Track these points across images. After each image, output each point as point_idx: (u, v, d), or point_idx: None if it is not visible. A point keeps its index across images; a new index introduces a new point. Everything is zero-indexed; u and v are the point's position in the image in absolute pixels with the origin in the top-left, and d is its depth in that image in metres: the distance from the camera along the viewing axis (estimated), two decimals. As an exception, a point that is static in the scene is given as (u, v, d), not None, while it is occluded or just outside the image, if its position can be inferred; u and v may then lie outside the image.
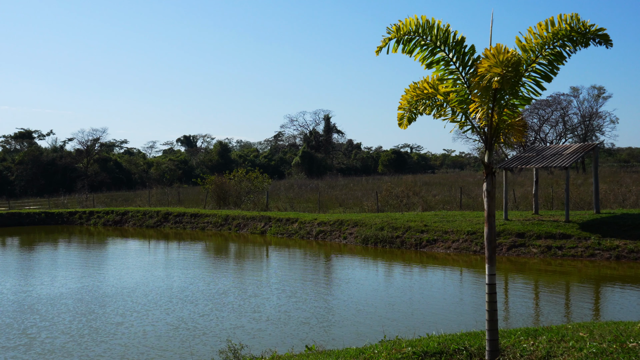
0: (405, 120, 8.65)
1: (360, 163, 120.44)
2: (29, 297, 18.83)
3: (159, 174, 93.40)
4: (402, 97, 8.49)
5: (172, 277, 21.94)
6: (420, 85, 8.34)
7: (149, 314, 16.11)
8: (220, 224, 39.38)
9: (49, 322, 15.43)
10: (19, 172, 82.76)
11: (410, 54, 8.13)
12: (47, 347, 13.13)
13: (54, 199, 62.60)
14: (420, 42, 8.02)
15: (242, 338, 13.36)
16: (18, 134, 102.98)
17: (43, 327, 14.89)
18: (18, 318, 15.97)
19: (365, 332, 14.02)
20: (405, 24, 7.95)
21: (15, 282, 21.64)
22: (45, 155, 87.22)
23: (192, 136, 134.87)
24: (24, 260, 27.54)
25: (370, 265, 24.74)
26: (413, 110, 8.52)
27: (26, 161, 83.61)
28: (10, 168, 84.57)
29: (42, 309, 17.07)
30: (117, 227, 43.87)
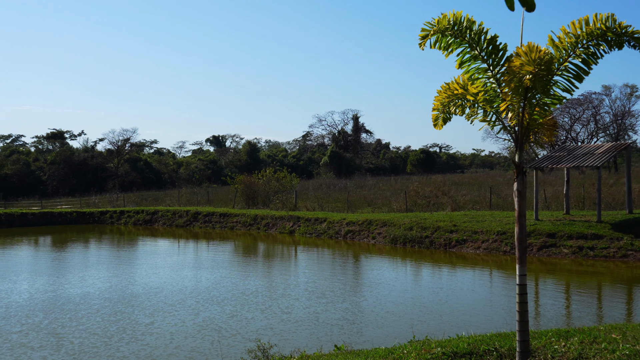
0: (440, 121, 8.60)
1: (388, 163, 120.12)
2: (59, 296, 18.98)
3: (188, 173, 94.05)
4: (436, 99, 8.45)
5: (201, 277, 22.01)
6: (451, 86, 8.29)
7: (177, 314, 16.14)
8: (249, 223, 39.53)
9: (78, 322, 15.49)
10: (51, 172, 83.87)
11: (446, 50, 8.07)
12: (76, 348, 13.17)
13: (85, 198, 63.35)
14: (454, 39, 7.98)
15: (271, 338, 13.35)
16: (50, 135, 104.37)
17: (72, 327, 14.95)
18: (48, 318, 16.05)
19: (394, 333, 13.97)
20: (442, 20, 7.91)
21: (46, 281, 21.81)
22: (77, 155, 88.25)
23: (221, 136, 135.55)
24: (55, 260, 27.85)
25: (399, 266, 24.66)
26: (446, 111, 8.48)
27: (58, 161, 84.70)
28: (43, 168, 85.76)
29: (72, 308, 17.18)
30: (147, 226, 44.25)
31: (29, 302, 18.11)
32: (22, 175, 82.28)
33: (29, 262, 27.09)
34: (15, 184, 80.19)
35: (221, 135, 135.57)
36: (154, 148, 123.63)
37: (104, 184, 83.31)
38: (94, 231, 41.94)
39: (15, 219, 45.93)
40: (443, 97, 8.39)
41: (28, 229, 43.51)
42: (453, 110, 8.45)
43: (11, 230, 42.94)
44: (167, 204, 53.00)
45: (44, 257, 28.83)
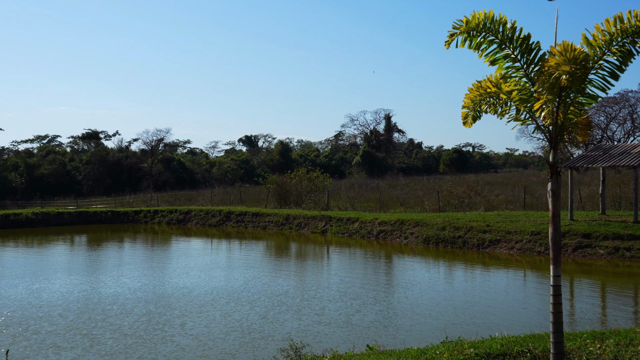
0: (469, 119, 8.55)
1: (421, 162, 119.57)
2: (92, 296, 19.12)
3: (221, 173, 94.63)
4: (466, 96, 8.40)
5: (233, 278, 22.04)
6: (483, 84, 8.23)
7: (208, 315, 16.15)
8: (281, 223, 39.65)
9: (109, 322, 15.51)
10: (86, 172, 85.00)
11: (477, 49, 8.03)
12: (107, 349, 13.17)
13: (119, 198, 64.05)
14: (486, 37, 7.93)
15: (302, 339, 13.32)
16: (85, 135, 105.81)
17: (104, 328, 14.98)
18: (80, 318, 16.12)
19: (426, 333, 13.91)
20: (473, 19, 7.86)
21: (79, 280, 22.01)
22: (112, 155, 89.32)
23: (253, 136, 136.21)
24: (90, 259, 28.16)
25: (431, 266, 24.54)
26: (477, 109, 8.42)
27: (93, 161, 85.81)
28: (78, 168, 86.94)
29: (104, 308, 17.26)
30: (181, 225, 44.62)
31: (62, 301, 18.28)
32: (58, 175, 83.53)
33: (64, 261, 27.44)
34: (52, 183, 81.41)
35: (254, 135, 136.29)
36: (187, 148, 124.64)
37: (138, 183, 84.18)
38: (128, 230, 42.40)
39: (52, 218, 46.62)
40: (474, 95, 8.33)
41: (64, 228, 44.13)
42: (484, 109, 8.40)
43: (48, 229, 43.59)
44: (200, 203, 53.36)
45: (78, 256, 29.19)
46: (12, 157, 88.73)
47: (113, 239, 37.35)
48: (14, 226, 44.22)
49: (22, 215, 45.42)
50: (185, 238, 36.91)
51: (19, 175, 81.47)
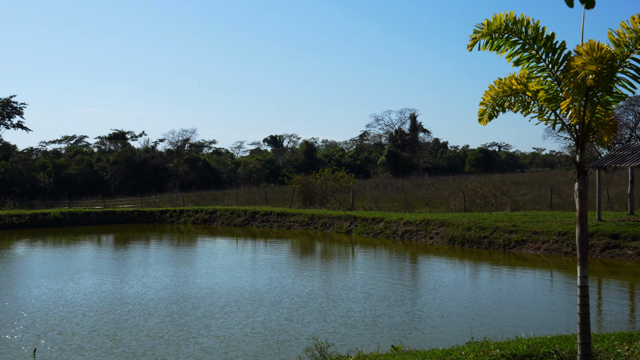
0: (485, 117, 8.50)
1: (446, 162, 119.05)
2: (116, 296, 19.20)
3: (246, 173, 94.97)
4: (486, 93, 8.34)
5: (258, 278, 21.97)
6: (507, 82, 8.17)
7: (234, 316, 16.07)
8: (306, 223, 39.70)
9: (131, 324, 15.44)
10: (113, 172, 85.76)
11: (498, 51, 7.99)
12: (131, 350, 13.09)
13: (145, 197, 64.55)
14: (509, 39, 7.88)
15: (327, 339, 13.30)
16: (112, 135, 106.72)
17: (127, 329, 14.89)
18: (104, 318, 16.08)
19: (451, 334, 13.85)
20: (494, 21, 7.82)
21: (105, 280, 22.08)
22: (138, 156, 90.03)
23: (278, 136, 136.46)
24: (116, 259, 28.32)
25: (457, 266, 24.42)
26: (497, 107, 8.36)
27: (120, 161, 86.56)
28: (105, 168, 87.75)
29: (129, 309, 17.26)
30: (206, 225, 44.86)
31: (86, 301, 18.33)
32: (86, 175, 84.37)
33: (90, 260, 27.63)
34: (79, 183, 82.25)
35: (278, 135, 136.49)
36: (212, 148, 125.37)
37: (164, 183, 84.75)
38: (154, 230, 42.71)
39: (79, 218, 47.13)
40: (496, 92, 8.28)
41: (91, 228, 44.59)
42: (506, 106, 8.34)
43: (75, 228, 44.07)
44: (225, 203, 53.59)
45: (104, 256, 29.40)
46: (40, 158, 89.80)
47: (139, 238, 37.64)
48: (42, 225, 44.77)
49: (50, 215, 45.97)
50: (211, 238, 37.09)
51: (47, 175, 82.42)
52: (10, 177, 75.40)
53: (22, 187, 75.66)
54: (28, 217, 45.15)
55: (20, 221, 44.40)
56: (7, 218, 44.26)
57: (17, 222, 44.17)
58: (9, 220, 44.12)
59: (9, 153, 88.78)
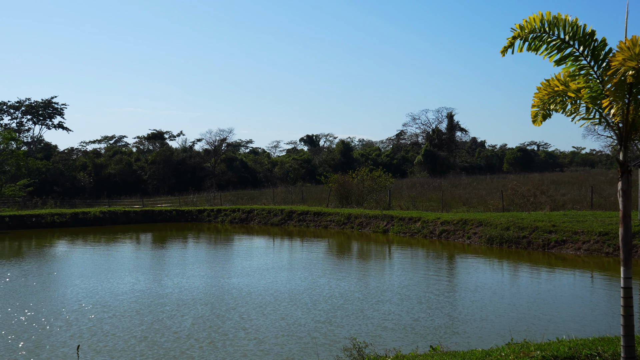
0: (539, 118, 8.40)
1: (484, 161, 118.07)
2: (152, 296, 19.18)
3: (282, 173, 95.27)
4: (535, 95, 8.24)
5: (295, 278, 21.81)
6: (551, 83, 8.06)
7: (270, 317, 15.90)
8: (342, 222, 39.67)
9: (165, 325, 15.33)
10: (151, 172, 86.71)
11: (536, 52, 7.88)
12: (165, 352, 12.93)
13: (183, 197, 65.12)
14: (547, 39, 7.76)
15: (365, 339, 13.23)
16: (151, 135, 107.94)
17: (162, 330, 14.78)
18: (138, 319, 15.90)
19: (490, 335, 13.69)
20: (530, 22, 7.71)
21: (140, 280, 22.12)
22: (176, 155, 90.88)
23: (314, 135, 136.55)
24: (153, 258, 28.45)
25: (495, 267, 24.17)
26: (546, 108, 8.26)
27: (158, 161, 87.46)
28: (144, 167, 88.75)
29: (165, 309, 17.21)
30: (243, 224, 45.08)
31: (123, 301, 18.37)
32: (125, 175, 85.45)
33: (128, 260, 27.83)
34: (119, 183, 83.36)
35: (315, 134, 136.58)
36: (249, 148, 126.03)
37: (202, 183, 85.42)
38: (192, 229, 43.06)
39: (119, 217, 47.74)
40: (543, 94, 8.18)
41: (130, 227, 45.12)
42: (553, 108, 8.23)
43: (114, 227, 44.64)
44: (262, 202, 53.82)
45: (142, 255, 29.64)
46: (80, 158, 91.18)
47: (177, 237, 37.96)
48: (82, 224, 45.45)
49: (90, 214, 46.65)
50: (248, 237, 37.24)
51: (87, 174, 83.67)
52: (51, 176, 76.70)
53: (63, 187, 76.95)
54: (69, 216, 45.87)
55: (61, 220, 45.12)
56: (49, 217, 45.01)
57: (58, 221, 44.89)
58: (50, 219, 44.86)
59: (50, 153, 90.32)
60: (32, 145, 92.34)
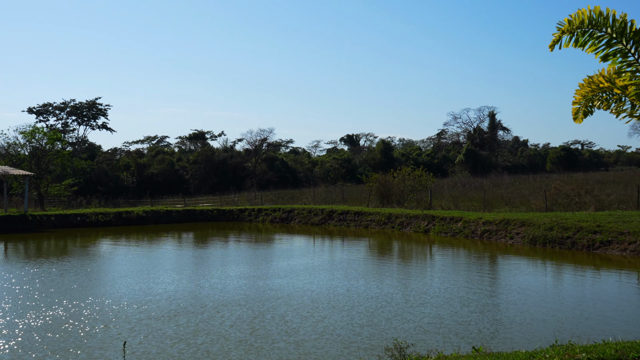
0: (580, 114, 8.25)
1: (526, 160, 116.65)
2: (192, 297, 19.19)
3: (323, 172, 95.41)
4: (577, 92, 8.10)
5: (335, 279, 21.59)
6: (595, 80, 7.91)
7: (311, 319, 15.71)
8: (383, 222, 39.55)
9: (205, 326, 15.24)
10: (193, 171, 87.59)
11: (583, 47, 7.75)
12: (200, 354, 12.73)
13: (224, 196, 65.63)
14: (594, 34, 7.62)
15: (407, 340, 13.12)
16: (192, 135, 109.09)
17: (204, 331, 14.58)
18: (178, 320, 15.70)
19: (534, 336, 13.48)
20: (578, 17, 7.58)
21: (180, 280, 22.16)
22: (217, 155, 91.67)
23: (355, 135, 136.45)
24: (194, 258, 28.50)
25: (538, 267, 23.82)
26: (589, 105, 8.11)
27: (200, 161, 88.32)
28: (186, 167, 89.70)
29: (205, 311, 17.14)
30: (284, 224, 45.24)
31: (163, 301, 18.37)
32: (167, 175, 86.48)
33: (170, 259, 27.97)
34: (161, 182, 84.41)
35: (355, 134, 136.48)
36: (289, 147, 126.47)
37: (242, 182, 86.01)
38: (233, 228, 43.34)
39: (161, 216, 48.29)
40: (586, 91, 8.03)
41: (172, 226, 45.60)
42: (597, 105, 8.08)
43: (157, 226, 45.16)
44: (302, 202, 53.92)
45: (184, 255, 29.76)
46: (124, 158, 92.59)
47: (218, 236, 38.24)
48: (126, 223, 46.08)
49: (133, 213, 47.27)
50: (288, 237, 37.32)
51: (130, 174, 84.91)
52: (95, 176, 78.02)
53: (106, 186, 78.23)
54: (112, 215, 46.54)
55: (105, 219, 45.81)
56: (93, 216, 45.73)
57: (102, 220, 45.58)
58: (94, 218, 45.57)
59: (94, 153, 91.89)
60: (76, 146, 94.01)
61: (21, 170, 50.17)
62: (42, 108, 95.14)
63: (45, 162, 57.31)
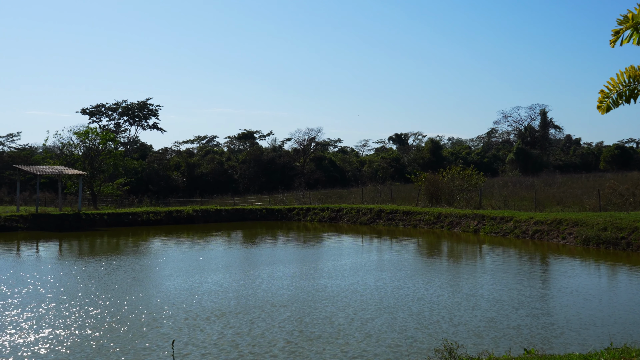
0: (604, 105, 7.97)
1: (579, 159, 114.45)
2: (239, 297, 19.21)
3: (371, 171, 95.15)
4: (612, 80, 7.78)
5: (383, 279, 21.37)
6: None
7: (356, 322, 15.51)
8: (432, 221, 39.24)
9: (247, 327, 15.23)
10: (242, 171, 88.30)
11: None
12: (246, 355, 12.63)
13: (273, 195, 65.93)
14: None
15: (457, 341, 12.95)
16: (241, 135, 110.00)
17: (243, 332, 14.51)
18: (220, 321, 15.61)
19: (587, 340, 13.17)
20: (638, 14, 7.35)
21: (230, 279, 22.21)
22: (266, 155, 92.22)
23: (403, 134, 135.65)
24: (242, 257, 28.57)
25: (592, 268, 23.32)
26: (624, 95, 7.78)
27: (248, 160, 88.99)
28: (235, 167, 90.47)
29: (252, 311, 17.18)
30: (332, 223, 45.24)
31: (211, 302, 18.37)
32: (216, 174, 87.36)
33: (219, 257, 28.12)
34: (210, 182, 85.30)
35: (403, 133, 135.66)
36: (337, 147, 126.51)
37: (291, 182, 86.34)
38: (282, 227, 43.50)
39: (211, 215, 48.72)
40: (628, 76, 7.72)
41: (222, 225, 45.96)
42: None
43: (207, 225, 45.57)
44: (350, 201, 53.84)
45: (233, 254, 29.87)
46: (174, 157, 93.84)
47: (266, 235, 38.41)
48: (176, 222, 46.62)
49: (183, 212, 47.81)
50: (336, 236, 37.29)
51: (180, 174, 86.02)
52: (147, 176, 79.25)
53: (157, 186, 79.41)
54: (163, 214, 47.15)
55: (156, 218, 46.42)
56: (145, 215, 46.39)
57: (153, 219, 46.21)
58: (146, 217, 46.22)
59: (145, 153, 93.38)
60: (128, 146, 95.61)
61: (75, 170, 51.22)
62: (95, 109, 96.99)
63: (98, 161, 58.39)
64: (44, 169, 50.53)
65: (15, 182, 58.68)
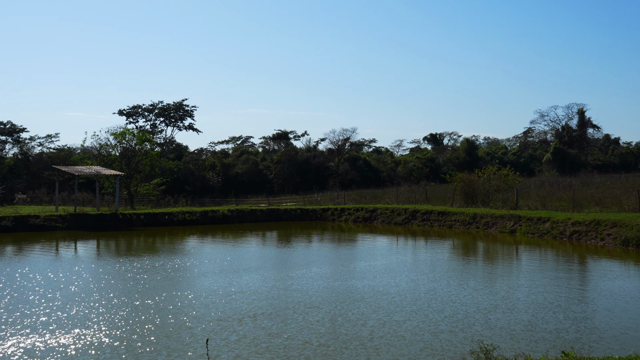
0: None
1: (618, 159, 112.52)
2: (273, 298, 19.18)
3: (406, 172, 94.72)
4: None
5: (418, 281, 21.14)
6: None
7: (390, 322, 15.38)
8: (467, 222, 38.87)
9: (279, 329, 15.20)
10: (276, 171, 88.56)
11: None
12: (281, 358, 12.54)
13: (307, 196, 65.95)
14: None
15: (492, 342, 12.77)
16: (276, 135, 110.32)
17: (275, 334, 14.51)
18: (253, 322, 15.62)
19: (627, 344, 12.87)
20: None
21: (264, 279, 22.14)
22: (300, 155, 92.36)
23: (438, 134, 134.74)
24: (277, 257, 28.57)
25: (632, 270, 22.85)
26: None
27: (283, 160, 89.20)
28: (269, 167, 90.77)
29: (285, 312, 17.14)
30: (367, 223, 45.09)
31: (244, 302, 18.32)
32: (251, 174, 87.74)
33: (254, 258, 28.10)
34: (245, 182, 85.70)
35: (438, 133, 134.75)
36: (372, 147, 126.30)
37: (325, 182, 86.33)
38: (316, 228, 43.45)
39: (246, 215, 48.90)
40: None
41: (257, 225, 46.08)
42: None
43: (242, 225, 45.74)
44: (385, 201, 53.64)
45: (268, 254, 29.80)
46: (209, 158, 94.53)
47: (301, 235, 38.41)
48: (211, 222, 46.89)
49: (219, 212, 48.06)
50: (371, 236, 37.13)
51: (216, 174, 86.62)
52: (182, 176, 79.91)
53: (193, 186, 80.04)
54: (199, 214, 47.44)
55: (191, 218, 46.73)
56: (180, 215, 46.76)
57: (189, 219, 46.52)
58: (181, 216, 46.57)
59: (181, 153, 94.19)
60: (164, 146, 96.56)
61: (112, 170, 51.86)
62: (132, 110, 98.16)
63: (135, 162, 58.99)
64: (82, 169, 51.26)
65: (54, 183, 59.58)
